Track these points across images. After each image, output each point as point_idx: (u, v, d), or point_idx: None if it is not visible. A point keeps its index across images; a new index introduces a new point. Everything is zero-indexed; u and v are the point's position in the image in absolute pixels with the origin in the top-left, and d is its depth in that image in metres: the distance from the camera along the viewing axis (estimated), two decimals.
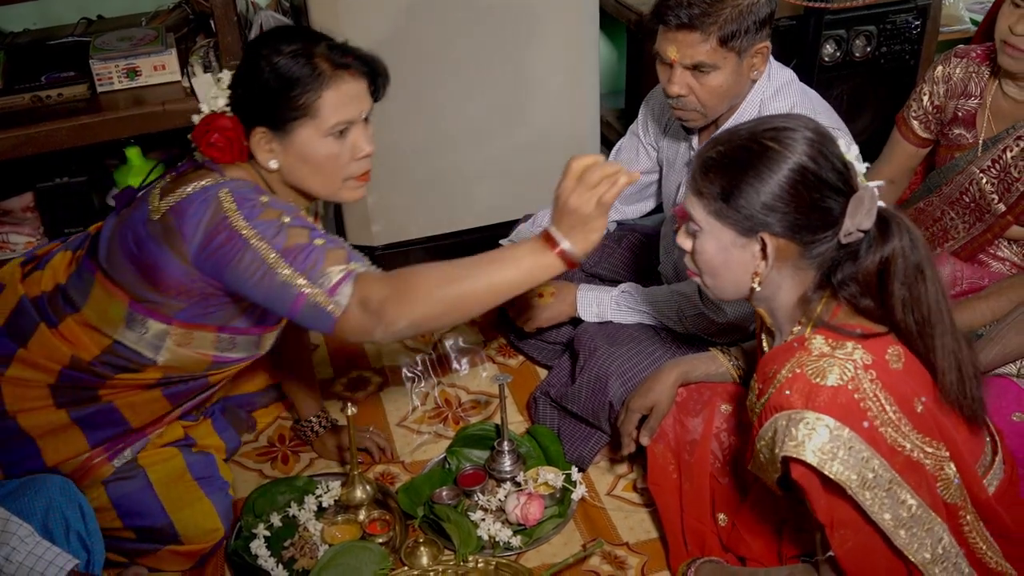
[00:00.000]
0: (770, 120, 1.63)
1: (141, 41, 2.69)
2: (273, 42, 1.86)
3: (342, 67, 1.85)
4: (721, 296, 1.72)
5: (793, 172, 1.55)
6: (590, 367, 2.27)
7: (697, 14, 2.04)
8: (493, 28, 2.73)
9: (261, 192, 1.86)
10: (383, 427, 2.54)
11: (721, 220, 1.60)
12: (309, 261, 1.74)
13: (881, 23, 3.23)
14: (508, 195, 2.96)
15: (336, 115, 1.85)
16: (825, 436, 1.54)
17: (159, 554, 2.11)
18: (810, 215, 1.57)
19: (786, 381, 1.60)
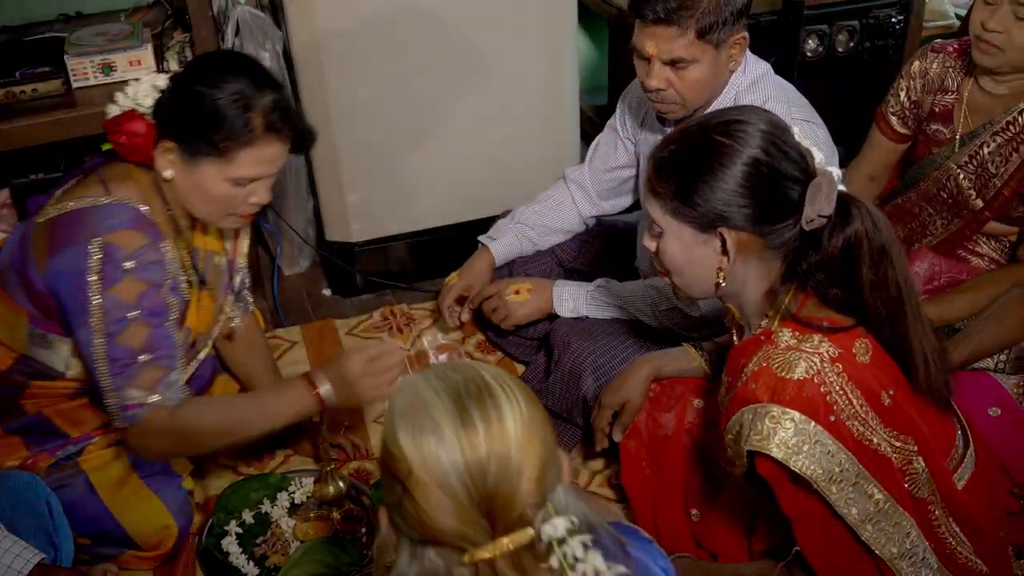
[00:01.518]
0: (721, 114, 1.61)
1: (117, 36, 2.68)
2: (220, 74, 1.83)
3: (273, 130, 1.83)
4: (691, 294, 1.71)
5: (747, 166, 1.53)
6: (564, 362, 2.26)
7: (674, 8, 2.03)
8: (472, 24, 2.72)
9: (138, 227, 1.85)
10: (359, 423, 2.52)
11: (678, 219, 1.59)
12: (121, 372, 1.85)
13: (864, 18, 3.21)
14: (487, 191, 2.94)
15: (248, 171, 1.85)
16: (791, 430, 1.53)
17: (123, 558, 2.09)
18: (767, 206, 1.55)
19: (752, 375, 1.59)
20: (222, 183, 1.85)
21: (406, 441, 1.08)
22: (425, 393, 1.10)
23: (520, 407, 1.10)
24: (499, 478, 1.06)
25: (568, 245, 2.69)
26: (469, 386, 1.10)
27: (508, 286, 2.49)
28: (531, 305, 2.46)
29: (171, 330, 1.92)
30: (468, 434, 1.06)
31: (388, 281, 3.04)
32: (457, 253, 2.77)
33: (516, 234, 2.64)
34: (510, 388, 1.11)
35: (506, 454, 1.07)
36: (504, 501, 1.07)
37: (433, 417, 1.08)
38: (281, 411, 1.97)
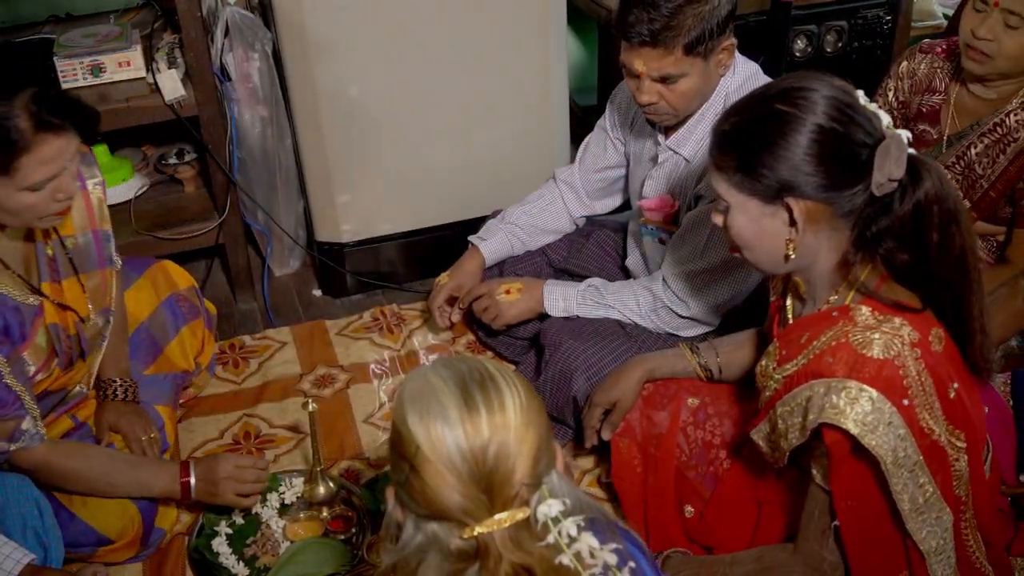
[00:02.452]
0: (783, 82, 1.58)
1: (106, 38, 2.68)
2: None
3: (46, 127, 1.74)
4: (762, 268, 1.70)
5: (812, 133, 1.50)
6: (555, 362, 2.26)
7: (659, 29, 2.03)
8: (461, 24, 2.72)
9: None
10: (349, 424, 2.52)
11: (744, 191, 1.57)
12: None
13: (852, 18, 3.22)
14: (477, 192, 2.94)
15: (35, 176, 1.78)
16: (868, 407, 1.52)
17: (99, 553, 2.09)
18: (834, 173, 1.52)
19: (828, 349, 1.57)
20: (18, 195, 1.78)
21: (414, 422, 1.16)
22: (434, 379, 1.19)
23: (520, 396, 1.18)
24: (498, 458, 1.14)
25: (558, 245, 2.69)
26: (474, 374, 1.18)
27: (499, 286, 2.49)
28: (522, 305, 2.45)
29: (11, 385, 1.91)
30: (472, 417, 1.14)
31: (378, 281, 3.04)
32: (447, 253, 2.77)
33: (506, 234, 2.64)
34: (511, 378, 1.20)
35: (505, 437, 1.15)
36: (502, 479, 1.14)
37: (441, 401, 1.16)
38: (151, 485, 2.07)
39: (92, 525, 2.04)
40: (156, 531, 2.14)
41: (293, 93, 2.74)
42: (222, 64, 2.77)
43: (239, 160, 2.85)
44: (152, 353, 2.40)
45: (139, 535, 2.10)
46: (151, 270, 2.45)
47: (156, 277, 2.45)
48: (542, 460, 1.18)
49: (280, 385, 2.66)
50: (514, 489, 1.15)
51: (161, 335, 2.42)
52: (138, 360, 2.36)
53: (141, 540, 2.11)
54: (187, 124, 2.65)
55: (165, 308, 2.44)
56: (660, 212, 2.34)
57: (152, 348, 2.40)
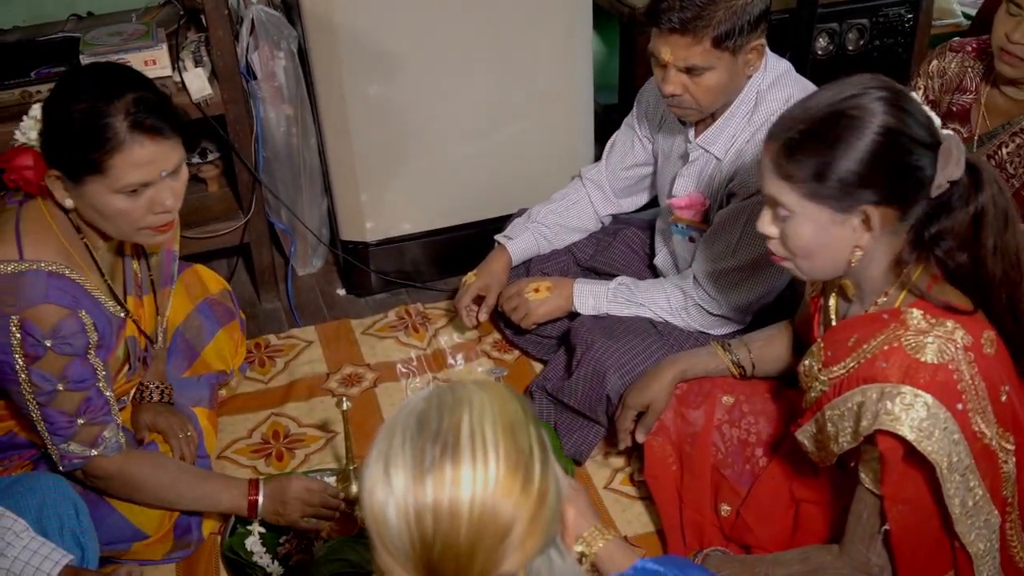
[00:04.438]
0: (840, 88, 1.56)
1: (131, 36, 2.67)
2: (74, 87, 1.78)
3: (140, 130, 1.75)
4: (814, 277, 1.68)
5: (880, 135, 1.48)
6: (587, 361, 2.26)
7: (690, 17, 2.03)
8: (487, 22, 2.71)
9: (52, 299, 1.81)
10: (377, 422, 2.52)
11: (816, 200, 1.53)
12: (60, 430, 1.90)
13: (874, 16, 3.23)
14: (502, 190, 2.94)
15: (127, 178, 1.77)
16: (923, 413, 1.51)
17: (134, 549, 2.09)
18: (905, 176, 1.51)
19: (880, 353, 1.56)
20: (113, 198, 1.79)
21: (364, 490, 1.02)
22: (396, 438, 1.02)
23: (487, 469, 0.99)
24: (447, 547, 0.98)
25: (585, 243, 2.69)
26: (438, 439, 1.01)
27: (527, 284, 2.49)
28: (551, 303, 2.45)
29: (103, 388, 1.94)
30: (417, 495, 0.98)
31: (402, 280, 3.03)
32: (471, 252, 2.77)
33: (533, 233, 2.64)
34: (484, 444, 1.00)
35: (457, 525, 0.98)
36: (454, 571, 0.98)
37: (389, 470, 1.00)
38: (219, 501, 2.08)
39: (129, 519, 2.05)
40: (195, 531, 2.15)
41: (319, 91, 2.74)
42: (247, 62, 2.77)
43: (264, 159, 2.84)
44: (188, 357, 2.41)
45: (171, 529, 2.10)
46: (184, 275, 2.45)
47: (189, 281, 2.46)
48: (520, 548, 0.99)
49: (307, 384, 2.66)
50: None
51: (196, 339, 2.43)
52: (174, 365, 2.37)
53: (174, 533, 2.11)
54: (214, 123, 2.65)
55: (199, 313, 2.44)
56: (691, 210, 2.34)
57: (188, 352, 2.41)
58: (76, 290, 1.87)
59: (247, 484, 2.09)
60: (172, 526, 2.11)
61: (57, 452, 1.93)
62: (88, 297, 1.90)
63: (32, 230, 1.86)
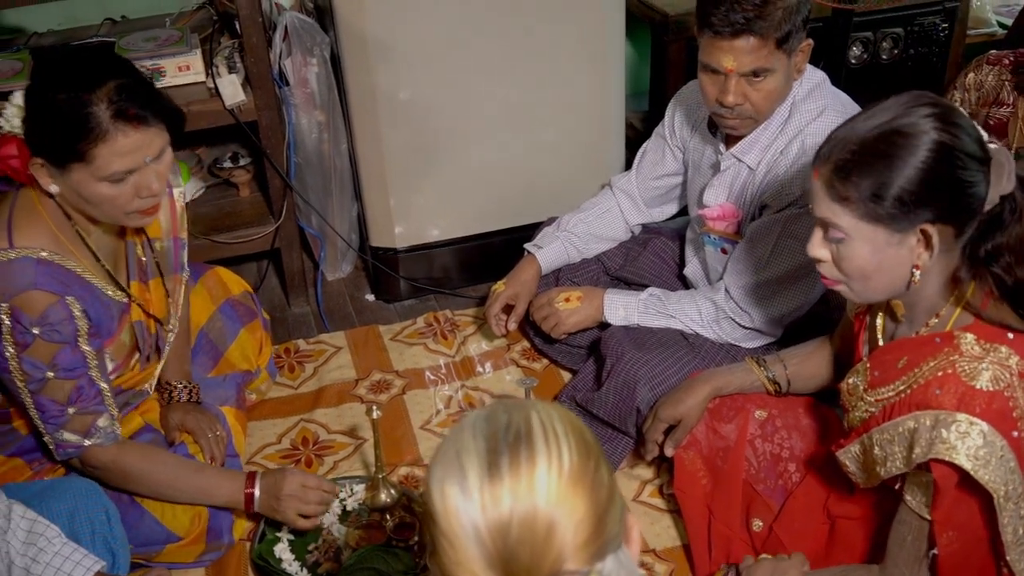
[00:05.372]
0: (889, 106, 1.53)
1: (166, 42, 2.68)
2: (56, 76, 1.76)
3: (124, 119, 1.74)
4: (869, 299, 1.65)
5: (933, 152, 1.46)
6: (618, 372, 2.25)
7: (753, 18, 2.00)
8: (518, 32, 2.71)
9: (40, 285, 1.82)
10: (406, 430, 2.52)
11: (873, 222, 1.51)
12: (51, 420, 1.92)
13: (908, 25, 3.20)
14: (531, 198, 2.94)
15: (111, 167, 1.77)
16: (979, 441, 1.49)
17: (166, 551, 2.10)
18: (961, 192, 1.48)
19: (935, 379, 1.54)
20: (98, 185, 1.79)
21: (435, 487, 1.00)
22: (465, 434, 1.02)
23: (561, 457, 0.99)
24: (522, 538, 0.96)
25: (614, 253, 2.68)
26: (509, 431, 1.00)
27: (558, 294, 2.48)
28: (581, 313, 2.44)
29: (96, 378, 1.94)
30: (492, 487, 0.97)
31: (431, 287, 3.03)
32: (500, 260, 2.77)
33: (562, 242, 2.63)
34: (556, 435, 1.00)
35: (532, 511, 0.97)
36: (527, 566, 0.97)
37: (462, 463, 0.99)
38: (214, 494, 2.08)
39: (162, 522, 2.07)
40: (225, 535, 2.15)
41: (351, 98, 2.74)
42: (280, 69, 2.78)
43: (295, 165, 2.85)
44: (213, 357, 2.42)
45: (204, 531, 2.11)
46: (205, 277, 2.47)
47: (211, 284, 2.48)
48: (593, 542, 0.99)
49: (336, 390, 2.67)
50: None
51: (220, 339, 2.44)
52: (199, 365, 2.38)
53: (206, 536, 2.12)
54: (247, 129, 2.66)
55: (221, 313, 2.46)
56: (723, 221, 2.32)
57: (212, 352, 2.42)
58: (66, 276, 1.88)
59: (244, 477, 2.09)
60: (205, 528, 2.12)
61: (52, 441, 1.95)
62: (80, 283, 1.91)
63: (22, 218, 1.87)
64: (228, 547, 2.18)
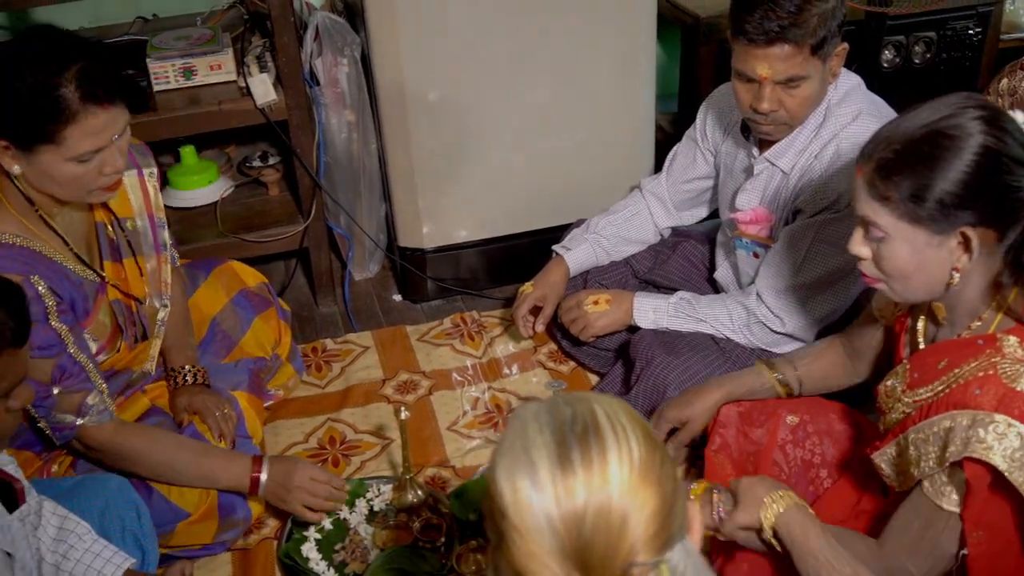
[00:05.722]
0: (936, 107, 1.52)
1: (198, 41, 2.69)
2: (22, 58, 1.77)
3: (93, 99, 1.77)
4: (909, 299, 1.64)
5: (979, 155, 1.45)
6: (647, 376, 2.24)
7: (788, 25, 1.98)
8: (549, 33, 2.70)
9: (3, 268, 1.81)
10: (433, 431, 2.52)
11: (913, 222, 1.50)
12: (41, 403, 1.90)
13: (941, 29, 3.18)
14: (560, 199, 2.93)
15: (81, 147, 1.80)
16: (1016, 443, 1.47)
17: (178, 531, 2.10)
18: (1005, 196, 1.48)
19: (975, 380, 1.52)
20: (65, 165, 1.81)
21: (503, 480, 1.00)
22: (530, 427, 1.02)
23: (631, 450, 0.99)
24: (597, 529, 0.97)
25: (643, 256, 2.67)
26: (576, 423, 1.01)
27: (587, 296, 2.48)
28: (610, 316, 2.43)
29: (76, 356, 1.94)
30: (565, 478, 0.97)
31: (458, 288, 3.03)
32: (528, 261, 2.76)
33: (591, 244, 2.62)
34: (623, 427, 1.01)
35: (606, 503, 0.97)
36: (601, 557, 0.97)
37: (531, 456, 0.99)
38: (219, 476, 2.07)
39: (169, 498, 2.07)
40: (239, 509, 2.14)
41: (381, 98, 2.74)
42: (311, 68, 2.78)
43: (324, 164, 2.86)
44: (227, 347, 2.43)
45: (214, 506, 2.10)
46: (218, 269, 2.49)
47: (225, 276, 2.49)
48: (662, 533, 0.99)
49: (363, 390, 2.67)
50: (618, 570, 0.98)
51: (234, 329, 2.45)
52: (212, 354, 2.39)
53: (219, 513, 2.11)
54: (278, 128, 2.67)
55: (234, 304, 2.47)
56: (756, 225, 2.31)
57: (226, 342, 2.43)
58: (29, 257, 1.88)
59: (250, 460, 2.08)
60: (214, 504, 2.11)
61: (47, 426, 1.94)
62: (45, 262, 1.91)
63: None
64: (246, 523, 2.18)
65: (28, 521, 1.69)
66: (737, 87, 2.13)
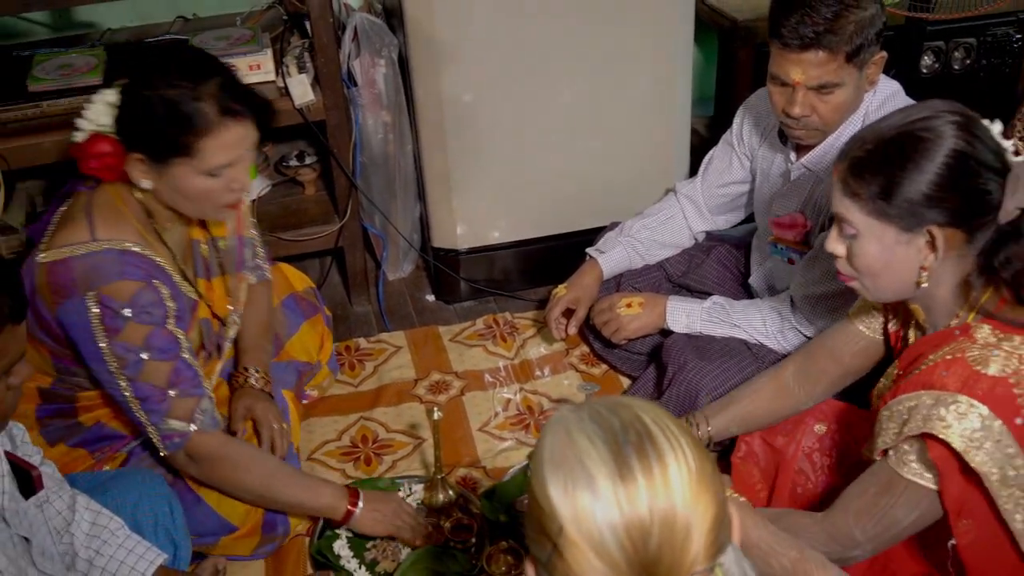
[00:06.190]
0: (912, 111, 1.58)
1: (238, 41, 2.71)
2: (162, 73, 1.82)
3: (229, 113, 1.82)
4: (881, 297, 1.68)
5: (949, 158, 1.50)
6: (679, 380, 2.24)
7: (823, 32, 1.98)
8: (585, 32, 2.70)
9: (127, 275, 1.87)
10: (465, 431, 2.53)
11: (882, 219, 1.55)
12: (154, 408, 1.93)
13: (981, 36, 3.15)
14: (594, 202, 2.93)
15: (216, 159, 1.84)
16: (976, 423, 1.50)
17: (222, 543, 2.12)
18: (973, 198, 1.52)
19: (942, 362, 1.55)
20: (197, 178, 1.85)
21: (556, 494, 0.97)
22: (578, 438, 1.00)
23: (687, 457, 0.98)
24: (663, 540, 0.95)
25: (677, 260, 2.66)
26: (629, 432, 0.99)
27: (620, 299, 2.48)
28: (643, 320, 2.43)
29: (190, 360, 1.97)
30: (627, 489, 0.95)
31: (491, 289, 3.04)
32: (561, 263, 2.77)
33: (625, 247, 2.62)
34: (674, 435, 0.99)
35: (671, 512, 0.96)
36: (668, 567, 0.96)
37: (587, 467, 0.97)
38: (314, 503, 2.09)
39: (218, 511, 2.08)
40: (280, 526, 2.16)
41: (417, 99, 2.76)
42: (348, 69, 2.80)
43: (360, 164, 2.87)
44: (276, 346, 2.44)
45: (259, 523, 2.12)
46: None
47: (274, 279, 2.49)
48: (719, 537, 0.98)
49: (396, 389, 2.68)
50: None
51: (282, 331, 2.47)
52: None
53: (262, 529, 2.13)
54: (315, 129, 2.69)
55: (283, 307, 2.49)
56: (792, 231, 2.30)
57: (275, 343, 2.44)
58: (150, 266, 1.93)
59: (345, 494, 2.09)
60: (260, 521, 2.13)
61: (157, 433, 1.95)
62: (163, 273, 1.96)
63: (103, 214, 1.92)
64: (283, 537, 2.19)
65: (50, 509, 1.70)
66: (772, 90, 2.13)
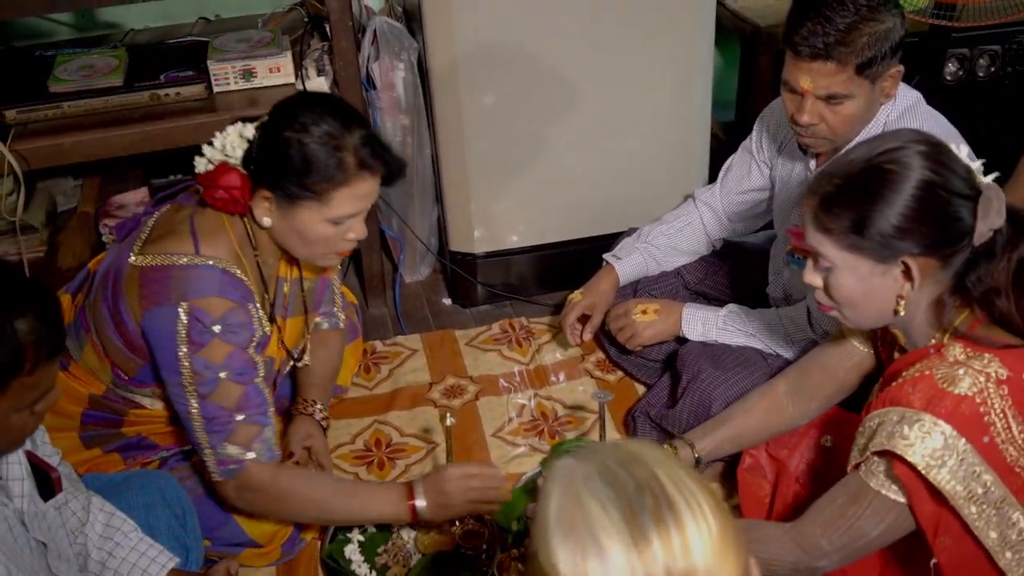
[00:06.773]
0: (878, 142, 1.59)
1: (258, 43, 2.72)
2: (308, 117, 1.84)
3: (366, 167, 1.86)
4: (861, 325, 1.70)
5: (918, 189, 1.52)
6: (693, 390, 2.23)
7: (833, 43, 1.97)
8: (605, 37, 2.69)
9: (225, 293, 1.89)
10: (478, 437, 2.53)
11: (856, 252, 1.56)
12: (217, 430, 1.92)
13: (1007, 43, 3.11)
14: (612, 207, 2.92)
15: (344, 209, 1.87)
16: (939, 443, 1.51)
17: (244, 555, 2.13)
18: (945, 227, 1.53)
19: (911, 379, 1.57)
20: (320, 224, 1.88)
21: (565, 562, 0.92)
22: (588, 503, 0.93)
23: (708, 521, 0.92)
24: None
25: (694, 267, 2.65)
26: (644, 495, 0.93)
27: (636, 306, 2.47)
28: (658, 327, 2.43)
29: (261, 387, 1.97)
30: (643, 561, 0.90)
31: (508, 293, 3.04)
32: (578, 269, 2.76)
33: (642, 254, 2.61)
34: (693, 495, 0.93)
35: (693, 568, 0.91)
36: None
37: (599, 539, 0.91)
38: (373, 510, 2.05)
39: (244, 529, 2.09)
40: (297, 545, 2.17)
41: (436, 102, 2.75)
42: (367, 72, 2.80)
43: None
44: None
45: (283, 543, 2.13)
46: None
47: None
48: None
49: (410, 393, 2.68)
50: None
51: None
52: None
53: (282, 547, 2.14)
54: None
55: None
56: None
57: None
58: (244, 290, 1.94)
59: (402, 491, 2.03)
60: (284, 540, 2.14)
61: (214, 456, 1.94)
62: (253, 301, 1.97)
63: (208, 232, 1.94)
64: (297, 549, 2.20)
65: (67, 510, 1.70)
66: (783, 95, 2.13)
